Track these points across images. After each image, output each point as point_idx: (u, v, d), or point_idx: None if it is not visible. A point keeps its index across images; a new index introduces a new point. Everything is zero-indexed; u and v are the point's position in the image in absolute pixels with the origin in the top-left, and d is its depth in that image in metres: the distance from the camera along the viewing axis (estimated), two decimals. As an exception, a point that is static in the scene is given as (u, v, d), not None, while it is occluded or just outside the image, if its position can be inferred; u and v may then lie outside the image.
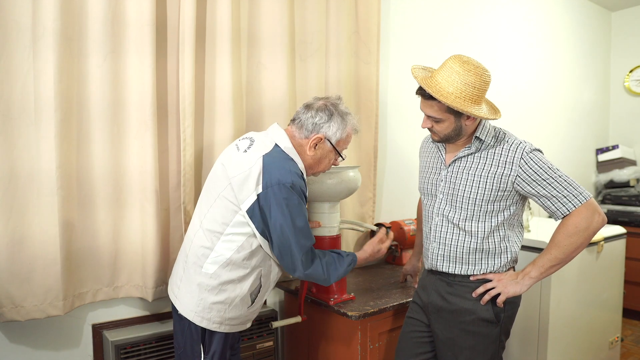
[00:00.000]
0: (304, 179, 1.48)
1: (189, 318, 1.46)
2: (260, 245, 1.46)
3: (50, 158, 1.52)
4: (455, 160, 1.57)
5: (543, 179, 1.44)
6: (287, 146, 1.48)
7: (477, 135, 1.53)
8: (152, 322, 1.85)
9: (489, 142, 1.52)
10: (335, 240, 1.87)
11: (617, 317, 2.80)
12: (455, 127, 1.50)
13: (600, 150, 4.21)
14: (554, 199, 1.45)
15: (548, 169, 1.45)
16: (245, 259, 1.45)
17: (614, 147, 4.13)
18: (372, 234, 2.47)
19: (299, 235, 1.42)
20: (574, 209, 1.43)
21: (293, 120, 1.56)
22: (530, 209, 2.66)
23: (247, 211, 1.40)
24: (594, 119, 4.22)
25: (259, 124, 2.03)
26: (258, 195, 1.39)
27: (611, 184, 4.02)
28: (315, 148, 1.52)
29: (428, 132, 1.73)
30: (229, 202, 1.43)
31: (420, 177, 1.74)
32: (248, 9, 1.99)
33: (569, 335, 2.43)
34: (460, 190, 1.54)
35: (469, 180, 1.53)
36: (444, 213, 1.58)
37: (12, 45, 1.49)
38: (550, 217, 1.53)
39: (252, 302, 1.52)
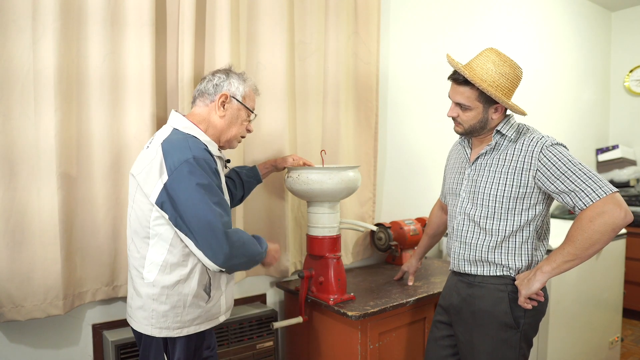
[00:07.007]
0: (210, 152, 1.40)
1: (147, 333, 1.38)
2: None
3: (51, 156, 1.52)
4: (479, 157, 1.56)
5: (562, 173, 1.38)
6: (185, 125, 1.43)
7: (498, 129, 1.51)
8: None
9: (510, 136, 1.50)
10: (335, 240, 1.87)
11: (617, 317, 2.80)
12: (482, 118, 1.50)
13: (600, 150, 4.21)
14: (573, 193, 1.36)
15: (568, 161, 1.38)
16: (182, 256, 1.36)
17: (614, 147, 4.13)
18: (373, 234, 2.48)
19: (216, 211, 1.30)
20: (591, 203, 1.33)
21: (193, 99, 1.53)
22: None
23: (156, 202, 1.31)
24: (594, 119, 4.22)
25: (258, 124, 2.03)
26: (165, 183, 1.30)
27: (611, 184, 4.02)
28: (224, 108, 1.49)
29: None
30: (141, 202, 1.35)
31: (446, 178, 1.74)
32: (247, 9, 1.99)
33: (569, 335, 2.43)
34: (481, 187, 1.52)
35: (489, 177, 1.51)
36: (466, 211, 1.57)
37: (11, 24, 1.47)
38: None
39: (209, 295, 1.43)
